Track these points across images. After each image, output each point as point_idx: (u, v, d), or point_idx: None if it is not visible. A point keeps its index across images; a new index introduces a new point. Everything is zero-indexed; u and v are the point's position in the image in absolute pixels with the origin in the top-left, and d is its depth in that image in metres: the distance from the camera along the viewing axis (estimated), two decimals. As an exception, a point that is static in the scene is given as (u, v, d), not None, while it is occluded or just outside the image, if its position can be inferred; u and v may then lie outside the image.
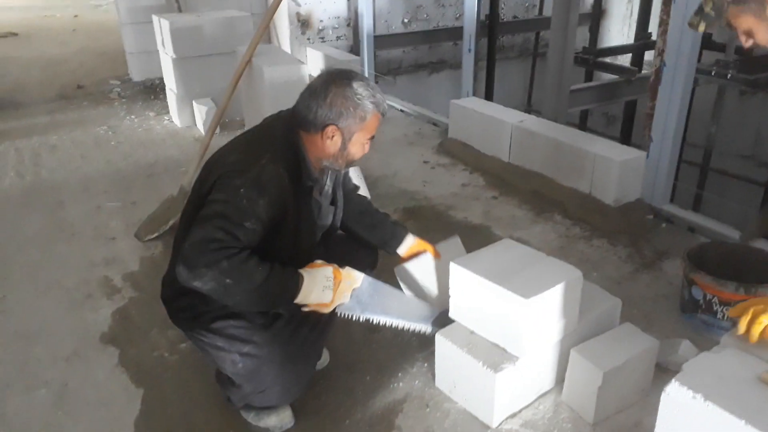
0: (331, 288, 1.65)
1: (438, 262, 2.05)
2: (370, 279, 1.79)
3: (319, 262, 1.68)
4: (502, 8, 6.06)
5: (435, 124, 4.60)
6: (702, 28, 1.53)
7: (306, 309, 1.64)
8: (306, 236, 1.72)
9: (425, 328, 1.95)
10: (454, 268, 1.83)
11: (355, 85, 1.63)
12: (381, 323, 1.85)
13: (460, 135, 3.98)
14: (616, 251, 2.75)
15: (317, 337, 1.79)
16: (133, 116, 4.90)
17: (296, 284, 1.59)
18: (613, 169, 2.95)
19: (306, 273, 1.62)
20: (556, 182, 3.27)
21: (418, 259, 2.04)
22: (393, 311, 1.86)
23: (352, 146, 1.68)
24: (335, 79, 1.64)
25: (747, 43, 1.47)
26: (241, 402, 1.77)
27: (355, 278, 1.74)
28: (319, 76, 1.68)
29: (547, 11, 6.13)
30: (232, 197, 1.51)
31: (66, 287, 2.58)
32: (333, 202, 1.89)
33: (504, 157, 3.62)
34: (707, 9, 1.51)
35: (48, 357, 2.16)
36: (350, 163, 1.74)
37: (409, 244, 2.06)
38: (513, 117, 3.65)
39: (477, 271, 1.77)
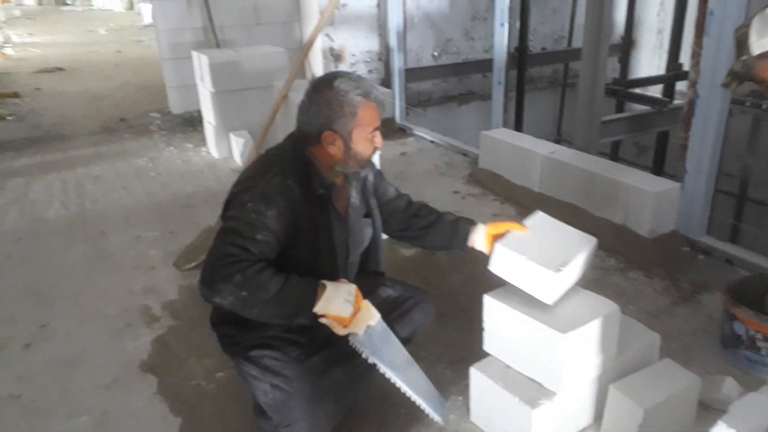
0: (352, 304, 1.60)
1: (532, 235, 1.79)
2: (384, 324, 1.70)
3: (343, 280, 1.67)
4: (531, 40, 6.12)
5: (465, 155, 4.63)
6: (734, 86, 1.63)
7: (324, 320, 1.58)
8: (326, 249, 1.70)
9: (433, 414, 1.77)
10: (488, 300, 1.83)
11: (336, 83, 1.62)
12: (387, 377, 1.71)
13: (490, 165, 4.00)
14: (653, 284, 2.71)
15: (351, 382, 1.77)
16: (172, 148, 5.06)
17: (315, 291, 1.56)
18: (647, 200, 2.93)
19: (329, 283, 1.59)
20: (589, 213, 3.25)
21: (505, 239, 1.78)
22: (400, 370, 1.72)
23: (356, 145, 1.65)
24: (316, 86, 1.65)
25: None
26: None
27: (372, 314, 1.66)
28: (306, 89, 1.69)
29: (576, 42, 6.17)
30: (241, 212, 1.55)
31: (107, 315, 2.65)
32: (368, 215, 1.84)
33: (535, 187, 3.62)
34: (737, 68, 1.59)
35: (89, 384, 2.22)
36: (363, 163, 1.71)
37: (482, 232, 1.86)
38: (543, 148, 3.66)
39: (513, 305, 1.77)
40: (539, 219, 1.92)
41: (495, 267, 1.77)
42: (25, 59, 9.80)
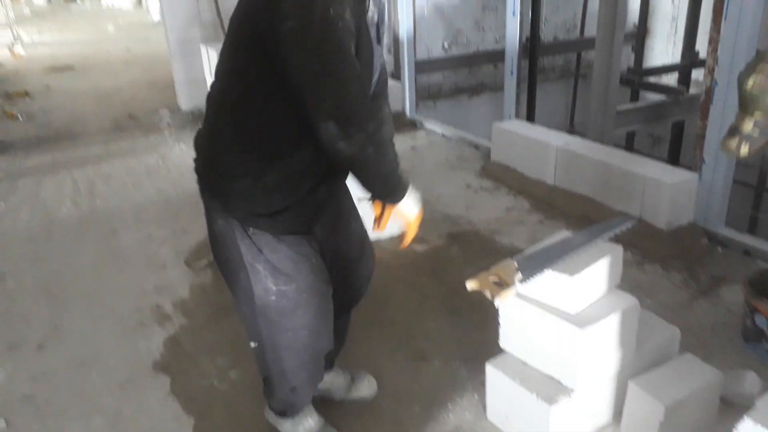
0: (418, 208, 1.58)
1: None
2: None
3: None
4: (543, 30, 6.03)
5: (476, 148, 4.58)
6: (745, 150, 1.32)
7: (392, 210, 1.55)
8: (368, 50, 1.43)
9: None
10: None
11: None
12: None
13: (502, 158, 3.95)
14: (670, 277, 2.66)
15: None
16: (182, 144, 5.05)
17: (408, 182, 1.53)
18: (664, 192, 2.87)
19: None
20: (605, 205, 3.20)
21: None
22: None
23: None
24: None
25: None
26: (279, 406, 1.78)
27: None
28: None
29: (589, 31, 6.08)
30: (332, 23, 1.26)
31: (119, 315, 2.65)
32: (378, 41, 1.56)
33: (549, 180, 3.57)
34: (747, 129, 1.30)
35: (103, 384, 2.21)
36: None
37: None
38: (557, 139, 3.60)
39: (529, 299, 1.73)
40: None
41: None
42: (35, 58, 9.84)
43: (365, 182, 1.47)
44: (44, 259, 3.20)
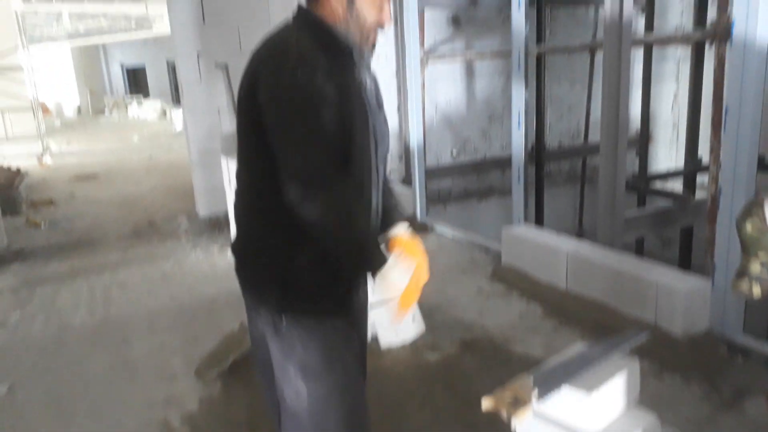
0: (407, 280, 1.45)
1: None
2: None
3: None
4: (547, 137, 6.26)
5: (487, 251, 4.62)
6: (757, 291, 1.32)
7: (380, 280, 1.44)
8: (363, 121, 1.44)
9: None
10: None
11: None
12: None
13: (514, 262, 3.97)
14: (690, 389, 2.58)
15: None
16: (198, 250, 5.15)
17: (382, 258, 1.42)
18: (678, 298, 2.86)
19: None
20: (619, 312, 3.17)
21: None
22: None
23: (361, 3, 1.44)
24: None
25: None
26: None
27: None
28: None
29: (593, 137, 6.30)
30: (294, 92, 1.32)
31: (127, 429, 2.59)
32: (380, 108, 1.57)
33: (561, 284, 3.57)
34: (755, 271, 1.30)
35: (105, 506, 2.13)
36: (366, 30, 1.47)
37: (399, 233, 1.60)
38: (567, 244, 3.64)
39: (546, 417, 1.68)
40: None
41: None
42: (62, 167, 10.31)
43: (332, 249, 1.43)
44: (55, 370, 3.19)
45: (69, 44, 18.78)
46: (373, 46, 1.52)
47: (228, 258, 4.95)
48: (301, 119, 1.34)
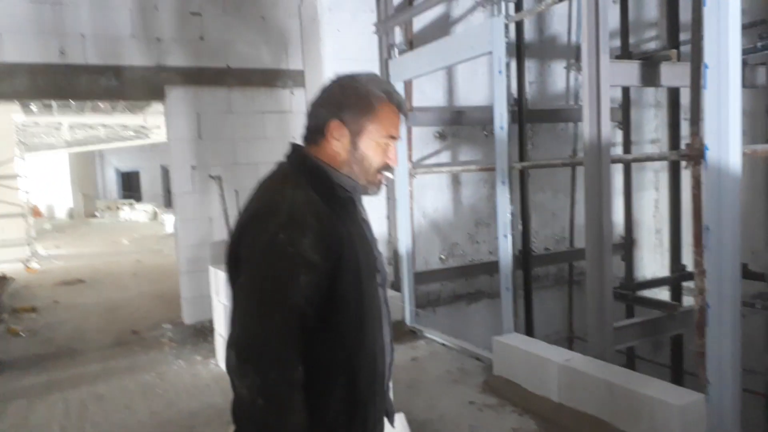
0: None
1: None
2: None
3: None
4: (534, 242, 6.36)
5: (478, 359, 4.54)
6: None
7: None
8: (370, 280, 1.38)
9: None
10: None
11: (360, 76, 1.40)
12: None
13: (505, 372, 3.89)
14: None
15: None
16: (181, 361, 5.00)
17: None
18: (673, 414, 2.78)
19: None
20: (614, 426, 3.07)
21: None
22: None
23: (365, 145, 1.38)
24: (338, 79, 1.42)
25: None
26: None
27: None
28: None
29: (578, 242, 6.40)
30: (272, 257, 1.24)
31: None
32: (383, 286, 1.51)
33: (554, 396, 3.48)
34: None
35: None
36: (370, 174, 1.41)
37: None
38: (558, 356, 3.58)
39: None
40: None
41: None
42: (48, 271, 10.21)
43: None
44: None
45: (67, 152, 19.26)
46: (379, 187, 1.46)
47: (210, 368, 4.81)
48: (267, 285, 1.25)
